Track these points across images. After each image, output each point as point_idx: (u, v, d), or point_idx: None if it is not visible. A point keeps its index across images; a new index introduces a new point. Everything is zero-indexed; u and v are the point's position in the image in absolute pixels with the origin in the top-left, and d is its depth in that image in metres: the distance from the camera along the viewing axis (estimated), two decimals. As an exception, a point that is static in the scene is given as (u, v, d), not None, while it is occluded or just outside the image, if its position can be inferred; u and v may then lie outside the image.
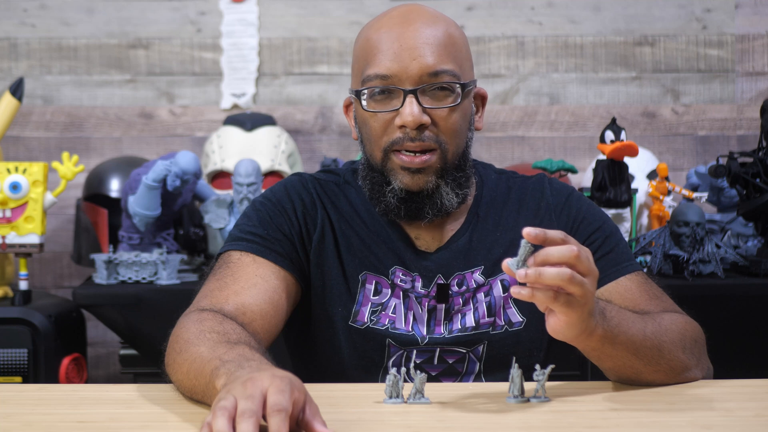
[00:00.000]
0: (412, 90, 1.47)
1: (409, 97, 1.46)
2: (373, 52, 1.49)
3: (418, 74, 1.47)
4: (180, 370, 1.29)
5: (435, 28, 1.50)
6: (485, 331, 1.54)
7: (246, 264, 1.49)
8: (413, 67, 1.47)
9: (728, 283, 2.53)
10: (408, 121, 1.46)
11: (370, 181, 1.54)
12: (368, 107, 1.50)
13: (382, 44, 1.49)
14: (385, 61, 1.48)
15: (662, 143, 3.42)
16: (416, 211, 1.51)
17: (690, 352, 1.42)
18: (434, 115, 1.48)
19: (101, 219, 2.85)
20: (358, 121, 1.55)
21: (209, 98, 3.39)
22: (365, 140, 1.53)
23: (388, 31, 1.49)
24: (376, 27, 1.52)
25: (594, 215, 1.59)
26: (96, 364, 3.32)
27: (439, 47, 1.48)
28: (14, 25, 3.37)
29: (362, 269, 1.54)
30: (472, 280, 1.55)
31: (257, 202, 1.57)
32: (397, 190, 1.50)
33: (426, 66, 1.47)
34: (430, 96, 1.48)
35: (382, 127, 1.49)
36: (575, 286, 1.20)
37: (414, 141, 1.47)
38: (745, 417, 1.24)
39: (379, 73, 1.48)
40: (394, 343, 1.52)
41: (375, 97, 1.49)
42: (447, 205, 1.52)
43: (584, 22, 3.41)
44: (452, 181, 1.51)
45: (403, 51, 1.47)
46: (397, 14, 1.52)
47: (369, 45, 1.51)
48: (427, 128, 1.48)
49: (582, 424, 1.20)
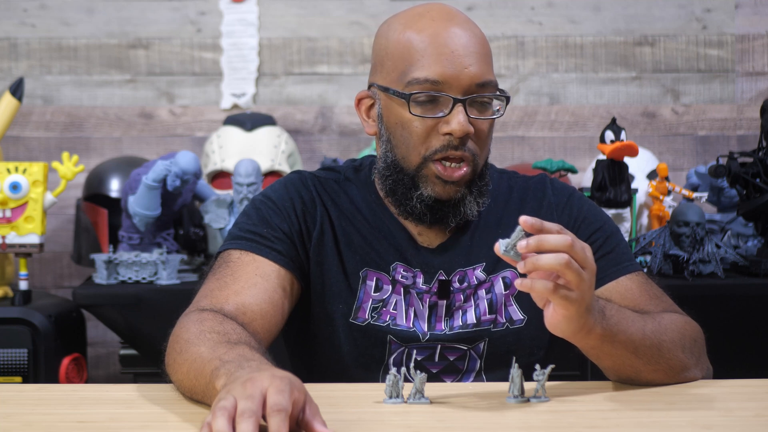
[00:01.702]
0: (463, 99, 1.47)
1: (459, 106, 1.46)
2: (420, 53, 1.48)
3: (468, 83, 1.47)
4: (180, 371, 1.29)
5: (477, 34, 1.50)
6: (486, 328, 1.54)
7: (246, 263, 1.48)
8: (464, 76, 1.46)
9: (728, 283, 2.53)
10: (456, 130, 1.46)
11: (393, 181, 1.53)
12: (413, 111, 1.48)
13: (430, 47, 1.47)
14: (436, 65, 1.47)
15: (662, 143, 3.42)
16: (441, 219, 1.53)
17: (689, 351, 1.42)
18: (475, 126, 1.48)
19: (101, 219, 2.85)
20: (391, 122, 1.52)
21: (209, 98, 3.39)
22: (399, 142, 1.51)
23: (435, 34, 1.48)
24: (417, 27, 1.50)
25: (595, 215, 1.60)
26: (96, 364, 3.33)
27: (485, 56, 1.49)
28: (14, 25, 3.37)
29: (363, 266, 1.54)
30: (474, 277, 1.55)
31: (257, 201, 1.57)
32: (426, 197, 1.50)
33: (476, 76, 1.47)
34: (474, 106, 1.49)
35: (425, 133, 1.48)
36: (572, 274, 1.20)
37: (457, 149, 1.47)
38: (745, 417, 1.25)
39: (431, 77, 1.46)
40: (395, 339, 1.52)
41: (421, 103, 1.48)
42: (469, 213, 1.53)
43: (584, 22, 3.41)
44: (477, 190, 1.53)
45: (455, 57, 1.47)
46: (436, 16, 1.50)
47: (412, 44, 1.49)
48: (469, 139, 1.48)
49: (582, 424, 1.20)
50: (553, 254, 1.20)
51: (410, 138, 1.50)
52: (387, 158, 1.53)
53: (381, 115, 1.54)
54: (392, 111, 1.51)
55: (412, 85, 1.48)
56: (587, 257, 1.23)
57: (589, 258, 1.23)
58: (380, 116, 1.54)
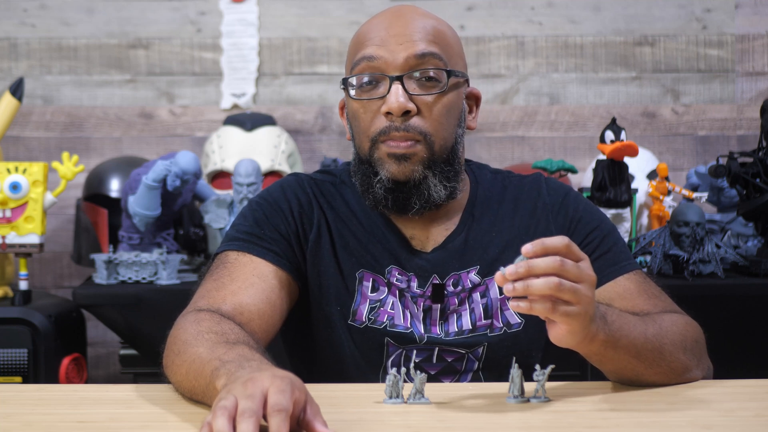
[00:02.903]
0: (398, 76, 1.47)
1: (395, 84, 1.47)
2: (362, 41, 1.51)
3: (404, 59, 1.48)
4: (179, 372, 1.29)
5: (424, 20, 1.52)
6: (483, 334, 1.54)
7: (243, 264, 1.48)
8: (399, 52, 1.48)
9: (728, 283, 2.53)
10: (393, 107, 1.46)
11: (360, 174, 1.53)
12: (353, 94, 1.50)
13: (371, 33, 1.51)
14: (372, 45, 1.49)
15: (662, 143, 3.42)
16: (403, 202, 1.50)
17: (691, 352, 1.42)
18: (420, 103, 1.48)
19: (101, 219, 2.85)
20: (350, 115, 1.55)
21: (209, 98, 3.39)
22: (355, 133, 1.54)
23: (378, 22, 1.52)
24: (367, 22, 1.55)
25: (591, 215, 1.59)
26: (96, 364, 3.33)
27: (427, 34, 1.50)
28: (14, 25, 3.37)
29: (359, 267, 1.54)
30: (468, 280, 1.55)
31: (254, 202, 1.57)
32: (384, 180, 1.49)
33: (412, 50, 1.48)
34: (417, 84, 1.49)
35: (370, 117, 1.50)
36: (567, 294, 1.20)
37: (399, 130, 1.47)
38: (745, 417, 1.24)
39: (365, 54, 1.49)
40: (393, 341, 1.52)
41: (363, 87, 1.50)
42: (435, 197, 1.50)
43: (584, 22, 3.41)
44: (440, 173, 1.50)
45: (390, 37, 1.49)
46: (388, 11, 1.54)
47: (359, 37, 1.53)
48: (413, 117, 1.48)
49: (582, 424, 1.20)
50: (543, 280, 1.18)
51: (360, 125, 1.51)
52: (353, 153, 1.56)
53: (347, 114, 1.56)
54: (348, 104, 1.55)
55: (353, 70, 1.51)
56: (582, 271, 1.21)
57: (584, 272, 1.22)
58: (347, 115, 1.57)
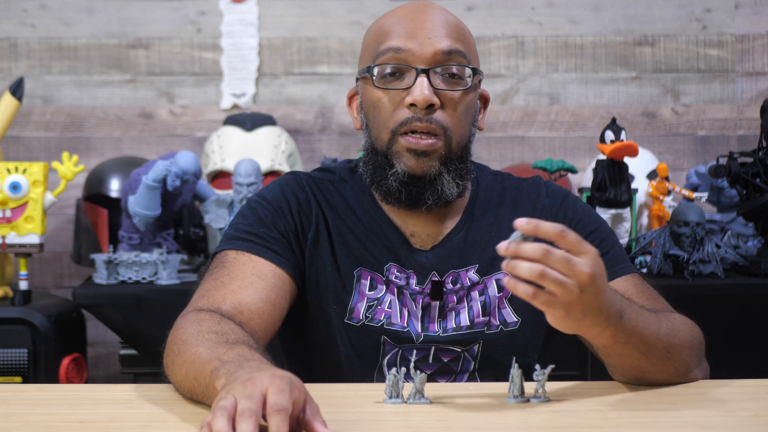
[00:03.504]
0: (425, 69, 1.47)
1: (421, 76, 1.47)
2: (387, 32, 1.51)
3: (432, 53, 1.48)
4: (179, 372, 1.29)
5: (448, 15, 1.53)
6: (480, 331, 1.54)
7: (242, 263, 1.48)
8: (427, 46, 1.48)
9: (728, 283, 2.53)
10: (418, 99, 1.46)
11: (372, 165, 1.53)
12: (377, 83, 1.50)
13: (396, 25, 1.51)
14: (399, 37, 1.49)
15: (662, 143, 3.42)
16: (417, 197, 1.51)
17: (695, 354, 1.42)
18: (443, 98, 1.49)
19: (101, 219, 2.85)
20: (366, 105, 1.54)
21: (209, 98, 3.39)
22: (372, 123, 1.53)
23: (403, 15, 1.52)
24: (388, 15, 1.54)
25: (589, 218, 1.59)
26: (96, 364, 3.33)
27: (453, 31, 1.51)
28: (14, 25, 3.37)
29: (357, 265, 1.54)
30: (467, 278, 1.55)
31: (252, 201, 1.57)
32: (399, 173, 1.49)
33: (440, 45, 1.48)
34: (441, 79, 1.49)
35: (392, 107, 1.49)
36: (550, 283, 1.18)
37: (422, 122, 1.47)
38: (745, 417, 1.25)
39: (393, 45, 1.48)
40: (389, 340, 1.52)
41: (386, 77, 1.49)
42: (447, 193, 1.51)
43: (584, 22, 3.41)
44: (454, 170, 1.51)
45: (418, 30, 1.49)
46: (411, 5, 1.54)
47: (382, 28, 1.53)
48: (436, 111, 1.48)
49: (582, 424, 1.20)
50: (528, 265, 1.18)
51: (380, 115, 1.51)
52: (366, 144, 1.55)
53: (361, 104, 1.56)
54: (366, 94, 1.54)
55: (378, 58, 1.50)
56: (572, 266, 1.19)
57: (575, 267, 1.19)
58: (361, 106, 1.56)
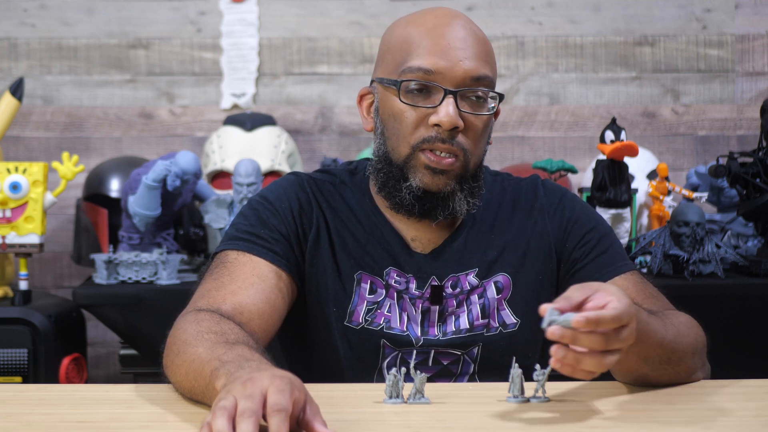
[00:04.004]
0: (454, 91, 1.46)
1: (449, 98, 1.46)
2: (416, 45, 1.48)
3: (462, 76, 1.47)
4: (179, 372, 1.29)
5: (477, 32, 1.51)
6: (479, 333, 1.53)
7: (243, 263, 1.48)
8: (458, 68, 1.46)
9: (728, 283, 2.53)
10: (444, 121, 1.45)
11: (384, 174, 1.52)
12: (404, 99, 1.48)
13: (426, 39, 1.48)
14: (430, 55, 1.47)
15: (662, 143, 3.42)
16: (429, 211, 1.51)
17: (699, 356, 1.43)
18: (467, 122, 1.48)
19: (101, 219, 2.85)
20: (385, 114, 1.52)
21: (209, 98, 3.39)
22: (391, 134, 1.51)
23: (433, 28, 1.49)
24: (417, 22, 1.51)
25: (588, 216, 1.59)
26: (96, 364, 3.32)
27: (483, 53, 1.49)
28: (14, 25, 3.37)
29: (357, 269, 1.54)
30: (467, 282, 1.54)
31: (253, 202, 1.57)
32: (414, 188, 1.49)
33: (470, 69, 1.47)
34: (467, 103, 1.48)
35: (415, 123, 1.48)
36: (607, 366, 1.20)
37: (445, 143, 1.47)
38: (745, 417, 1.25)
39: (423, 66, 1.47)
40: (389, 344, 1.52)
41: (413, 92, 1.48)
42: (458, 210, 1.51)
43: (584, 22, 3.41)
44: (468, 189, 1.51)
45: (450, 49, 1.47)
46: (440, 13, 1.51)
47: (410, 38, 1.50)
48: (458, 133, 1.47)
49: (582, 424, 1.20)
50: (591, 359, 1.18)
51: (401, 128, 1.49)
52: (380, 151, 1.54)
53: (377, 109, 1.54)
54: (386, 102, 1.52)
55: (405, 73, 1.48)
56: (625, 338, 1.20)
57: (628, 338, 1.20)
58: (377, 110, 1.55)
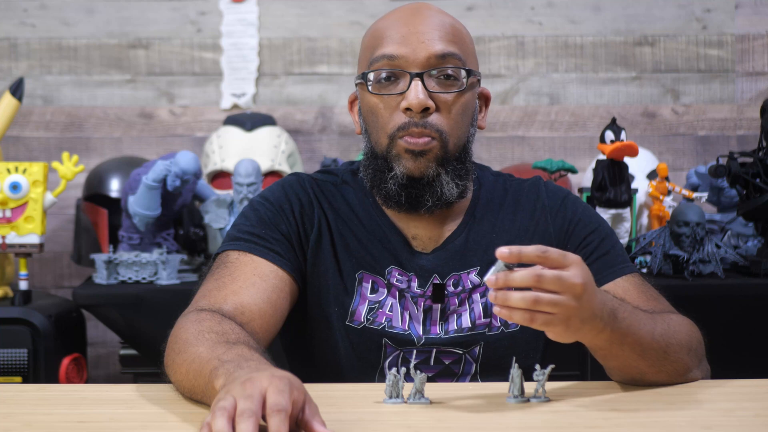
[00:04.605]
0: (419, 73, 1.48)
1: (415, 80, 1.48)
2: (381, 37, 1.51)
3: (426, 57, 1.48)
4: (179, 371, 1.29)
5: (443, 17, 1.53)
6: (481, 332, 1.54)
7: (244, 264, 1.48)
8: (421, 50, 1.48)
9: (728, 283, 2.53)
10: (413, 103, 1.47)
11: (372, 169, 1.53)
12: (372, 89, 1.50)
13: (390, 30, 1.51)
14: (393, 43, 1.49)
15: (662, 143, 3.42)
16: (416, 199, 1.51)
17: (694, 354, 1.42)
18: (439, 101, 1.49)
19: (101, 219, 2.85)
20: (364, 111, 1.54)
21: (209, 98, 3.39)
22: (371, 129, 1.53)
23: (397, 19, 1.52)
24: (384, 18, 1.55)
25: (589, 218, 1.59)
26: (96, 364, 3.32)
27: (447, 33, 1.51)
28: (14, 25, 3.37)
29: (359, 268, 1.54)
30: (468, 281, 1.55)
31: (255, 202, 1.57)
32: (399, 176, 1.50)
33: (433, 49, 1.48)
34: (436, 82, 1.49)
35: (389, 112, 1.50)
36: (546, 305, 1.20)
37: (418, 126, 1.48)
38: (745, 417, 1.25)
39: (386, 53, 1.49)
40: (391, 343, 1.52)
41: (381, 82, 1.50)
42: (447, 194, 1.51)
43: (584, 22, 3.41)
44: (452, 171, 1.51)
45: (411, 35, 1.49)
46: (406, 8, 1.55)
47: (377, 33, 1.53)
48: (431, 114, 1.48)
49: (582, 424, 1.20)
50: (520, 295, 1.19)
51: (378, 120, 1.51)
52: (367, 149, 1.56)
53: (360, 109, 1.56)
54: (364, 99, 1.54)
55: (372, 65, 1.51)
56: (563, 281, 1.20)
57: (567, 281, 1.20)
58: (360, 110, 1.57)
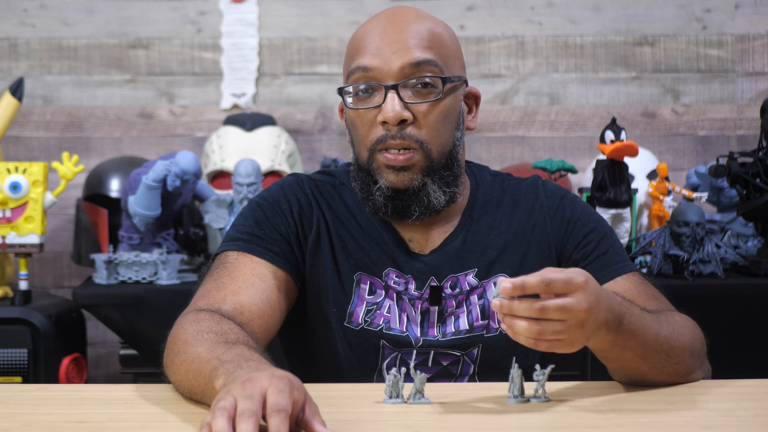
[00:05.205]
0: (393, 85, 1.46)
1: (390, 93, 1.46)
2: (357, 47, 1.51)
3: (399, 67, 1.47)
4: (179, 371, 1.29)
5: (419, 24, 1.50)
6: (479, 334, 1.53)
7: (243, 264, 1.48)
8: (394, 61, 1.47)
9: (728, 283, 2.53)
10: (389, 116, 1.46)
11: (360, 181, 1.53)
12: (352, 105, 1.50)
13: (365, 39, 1.50)
14: (367, 54, 1.48)
15: (662, 143, 3.42)
16: (403, 209, 1.51)
17: (696, 356, 1.42)
18: (416, 111, 1.47)
19: (101, 219, 2.85)
20: (347, 122, 1.55)
21: (209, 98, 3.39)
22: (354, 140, 1.53)
23: (372, 28, 1.51)
24: (363, 25, 1.54)
25: (588, 217, 1.59)
26: (96, 364, 3.32)
27: (422, 40, 1.48)
28: (14, 25, 3.36)
29: (357, 270, 1.54)
30: (466, 283, 1.54)
31: (254, 203, 1.57)
32: (383, 188, 1.49)
33: (407, 58, 1.47)
34: (412, 92, 1.48)
35: (367, 126, 1.49)
36: (550, 335, 1.21)
37: (395, 139, 1.47)
38: (745, 417, 1.24)
39: (361, 64, 1.48)
40: (388, 344, 1.52)
41: (359, 95, 1.49)
42: (434, 203, 1.51)
43: (584, 22, 3.41)
44: (439, 179, 1.50)
45: (384, 45, 1.48)
46: (383, 14, 1.53)
47: (354, 42, 1.52)
48: (409, 125, 1.47)
49: (582, 424, 1.20)
50: (525, 324, 1.20)
51: (358, 133, 1.51)
52: (353, 159, 1.55)
53: (346, 120, 1.56)
54: (346, 113, 1.54)
55: (349, 78, 1.50)
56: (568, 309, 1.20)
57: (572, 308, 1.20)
58: (346, 121, 1.56)
